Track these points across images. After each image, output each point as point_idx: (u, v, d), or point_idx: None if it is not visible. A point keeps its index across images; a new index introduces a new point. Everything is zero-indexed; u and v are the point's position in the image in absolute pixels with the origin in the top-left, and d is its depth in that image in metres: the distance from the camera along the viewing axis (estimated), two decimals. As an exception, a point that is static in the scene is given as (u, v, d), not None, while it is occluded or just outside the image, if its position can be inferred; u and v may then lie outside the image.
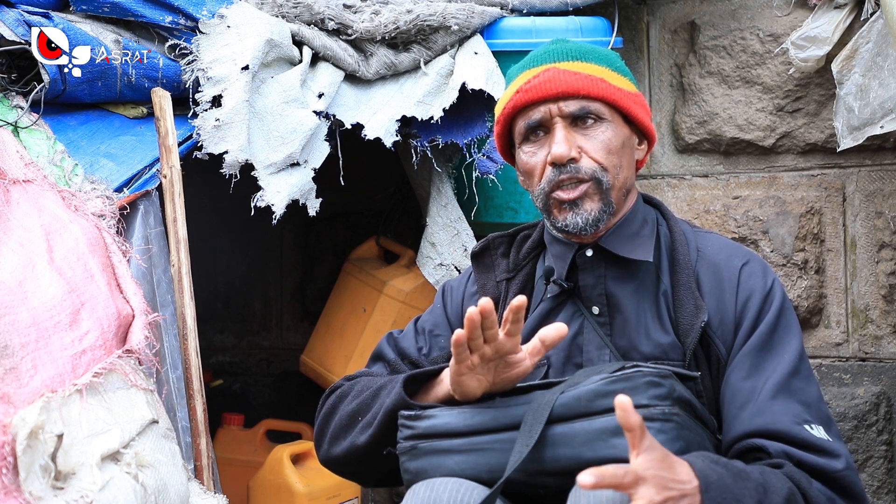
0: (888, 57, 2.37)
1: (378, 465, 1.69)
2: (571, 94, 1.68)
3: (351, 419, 1.72)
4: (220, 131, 2.13)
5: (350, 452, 1.72)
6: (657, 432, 1.45)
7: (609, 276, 1.72)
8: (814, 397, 1.61)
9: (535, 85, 1.70)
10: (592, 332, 1.71)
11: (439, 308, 1.90)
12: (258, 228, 2.77)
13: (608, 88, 1.69)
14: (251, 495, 2.73)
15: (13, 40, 2.11)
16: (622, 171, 1.71)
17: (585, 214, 1.68)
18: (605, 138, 1.69)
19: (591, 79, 1.69)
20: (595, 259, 1.73)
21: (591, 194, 1.68)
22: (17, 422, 1.47)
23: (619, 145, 1.70)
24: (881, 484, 2.62)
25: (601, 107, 1.69)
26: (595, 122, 1.69)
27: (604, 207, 1.68)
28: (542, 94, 1.69)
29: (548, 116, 1.69)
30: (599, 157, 1.68)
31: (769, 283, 1.69)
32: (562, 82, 1.68)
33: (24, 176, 1.98)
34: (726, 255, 1.73)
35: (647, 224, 1.76)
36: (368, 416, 1.69)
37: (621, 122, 1.72)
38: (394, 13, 2.41)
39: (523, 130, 1.73)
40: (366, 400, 1.71)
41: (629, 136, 1.74)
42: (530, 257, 1.83)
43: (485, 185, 2.56)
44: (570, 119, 1.69)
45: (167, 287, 2.05)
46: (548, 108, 1.69)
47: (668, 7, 2.85)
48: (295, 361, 3.17)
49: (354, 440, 1.70)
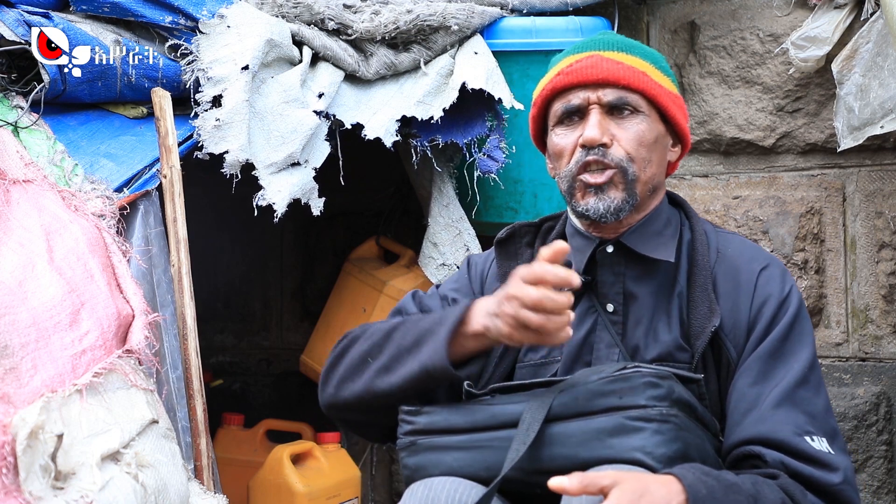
0: (888, 57, 2.37)
1: (391, 416, 1.64)
2: (612, 83, 1.67)
3: (362, 360, 1.67)
4: (221, 131, 2.13)
5: (363, 396, 1.66)
6: (654, 433, 1.45)
7: (628, 275, 1.71)
8: (820, 408, 1.59)
9: (576, 69, 1.69)
10: (604, 331, 1.70)
11: (465, 278, 1.87)
12: (258, 228, 2.77)
13: (649, 82, 1.69)
14: (251, 495, 2.73)
15: (13, 40, 2.11)
16: (650, 166, 1.69)
17: (608, 201, 1.66)
18: (638, 130, 1.68)
19: (633, 70, 1.68)
20: (615, 255, 1.71)
21: (616, 182, 1.66)
22: (17, 422, 1.47)
23: (652, 140, 1.69)
24: (881, 484, 2.62)
25: (639, 99, 1.68)
26: (631, 113, 1.68)
27: (627, 198, 1.67)
28: (583, 78, 1.68)
29: (585, 103, 1.69)
30: (629, 148, 1.67)
31: (786, 290, 1.67)
32: (603, 69, 1.67)
33: (24, 176, 1.98)
34: (746, 258, 1.71)
35: (671, 225, 1.75)
36: (386, 358, 1.63)
37: (657, 118, 1.71)
38: (394, 13, 2.41)
39: (559, 113, 1.72)
40: (378, 341, 1.67)
41: (663, 135, 1.73)
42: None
43: (484, 186, 2.56)
44: (607, 108, 1.68)
45: (167, 287, 2.06)
46: (587, 94, 1.68)
47: (668, 7, 2.85)
48: (295, 361, 3.16)
49: (371, 385, 1.64)
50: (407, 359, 1.61)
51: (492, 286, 1.81)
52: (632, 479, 1.35)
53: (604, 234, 1.73)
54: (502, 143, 2.47)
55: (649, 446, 1.45)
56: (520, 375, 1.73)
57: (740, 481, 1.44)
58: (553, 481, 1.33)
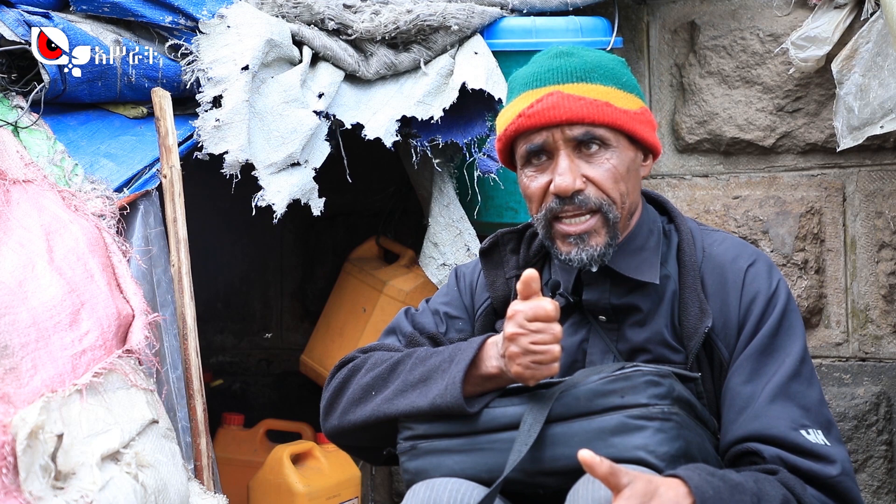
0: (888, 57, 2.37)
1: (394, 442, 1.65)
2: (576, 122, 1.61)
3: (365, 393, 1.68)
4: (221, 131, 2.13)
5: (367, 422, 1.67)
6: (656, 431, 1.45)
7: (614, 292, 1.69)
8: (814, 401, 1.60)
9: (538, 111, 1.62)
10: (598, 337, 1.69)
11: (455, 291, 1.86)
12: (258, 228, 2.77)
13: (614, 113, 1.62)
14: (251, 495, 2.73)
15: (13, 40, 2.11)
16: (629, 198, 1.66)
17: (591, 251, 1.62)
18: (610, 166, 1.62)
19: (596, 104, 1.61)
20: (600, 275, 1.68)
21: (597, 228, 1.63)
22: (17, 422, 1.47)
23: (625, 171, 1.64)
24: (881, 484, 2.62)
25: (606, 132, 1.62)
26: (600, 147, 1.62)
27: (609, 241, 1.63)
28: (546, 120, 1.61)
29: (550, 141, 1.62)
30: (606, 188, 1.62)
31: (774, 285, 1.66)
32: (566, 109, 1.61)
33: (24, 176, 1.98)
34: (732, 255, 1.70)
35: (654, 234, 1.72)
36: (391, 392, 1.64)
37: (627, 144, 1.65)
38: (394, 13, 2.41)
39: (525, 154, 1.66)
40: (382, 374, 1.68)
41: (634, 158, 1.68)
42: (539, 257, 1.80)
43: (484, 186, 2.56)
44: (573, 144, 1.62)
45: (167, 287, 2.05)
46: (551, 133, 1.62)
47: (668, 7, 2.85)
48: (295, 361, 3.16)
49: (375, 412, 1.65)
50: (413, 395, 1.61)
51: (482, 297, 1.81)
52: (643, 480, 1.35)
53: None
54: (502, 143, 2.47)
55: (652, 445, 1.45)
56: None
57: (744, 480, 1.44)
58: (584, 453, 1.32)
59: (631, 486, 1.34)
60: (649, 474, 1.40)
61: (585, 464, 1.32)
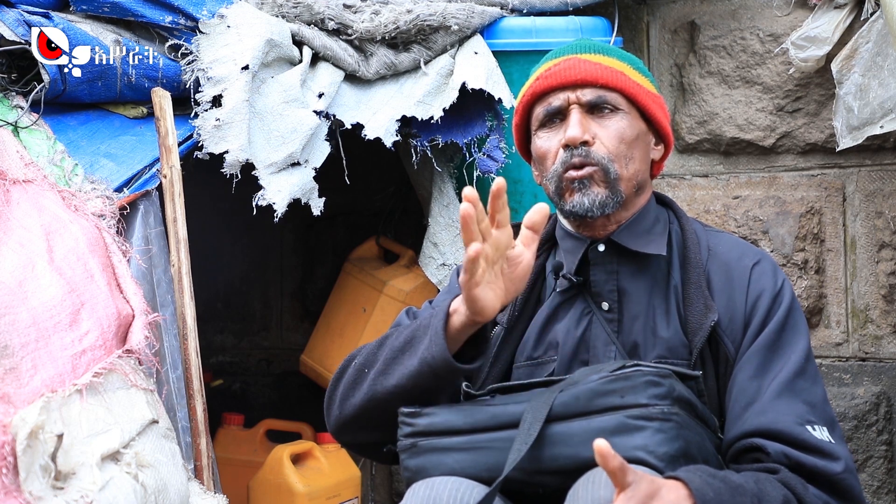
0: (888, 57, 2.37)
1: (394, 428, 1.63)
2: (590, 83, 1.71)
3: (359, 373, 1.68)
4: (221, 131, 2.14)
5: (366, 405, 1.65)
6: (656, 431, 1.46)
7: (621, 272, 1.72)
8: (819, 398, 1.61)
9: (554, 72, 1.73)
10: (600, 329, 1.71)
11: (457, 289, 1.85)
12: (258, 228, 2.77)
13: (627, 81, 1.72)
14: (251, 495, 2.73)
15: (13, 40, 2.11)
16: (633, 163, 1.72)
17: (592, 196, 1.68)
18: (618, 127, 1.71)
19: (611, 70, 1.72)
20: (607, 254, 1.73)
21: (598, 180, 1.69)
22: (17, 422, 1.47)
23: (633, 137, 1.72)
24: (881, 484, 2.62)
25: (618, 97, 1.72)
26: (611, 111, 1.72)
27: (611, 194, 1.69)
28: (561, 80, 1.72)
29: (565, 104, 1.72)
30: (610, 146, 1.70)
31: (779, 283, 1.69)
32: (581, 70, 1.71)
33: (24, 176, 1.98)
34: (737, 254, 1.73)
35: (660, 222, 1.77)
36: (382, 363, 1.63)
37: (638, 116, 1.74)
38: (394, 13, 2.41)
39: (541, 117, 1.75)
40: (372, 350, 1.67)
41: (645, 133, 1.76)
42: (542, 250, 1.82)
43: (484, 186, 2.56)
44: (587, 107, 1.71)
45: (167, 287, 2.06)
46: (566, 95, 1.72)
47: (668, 7, 2.85)
48: (295, 361, 3.16)
49: (371, 391, 1.64)
50: (403, 358, 1.61)
51: None
52: (646, 481, 1.35)
53: (594, 233, 1.74)
54: (502, 143, 2.47)
55: (651, 445, 1.45)
56: (517, 375, 1.74)
57: (744, 481, 1.44)
58: (600, 442, 1.31)
59: (634, 486, 1.34)
60: (652, 475, 1.40)
61: (600, 453, 1.30)
